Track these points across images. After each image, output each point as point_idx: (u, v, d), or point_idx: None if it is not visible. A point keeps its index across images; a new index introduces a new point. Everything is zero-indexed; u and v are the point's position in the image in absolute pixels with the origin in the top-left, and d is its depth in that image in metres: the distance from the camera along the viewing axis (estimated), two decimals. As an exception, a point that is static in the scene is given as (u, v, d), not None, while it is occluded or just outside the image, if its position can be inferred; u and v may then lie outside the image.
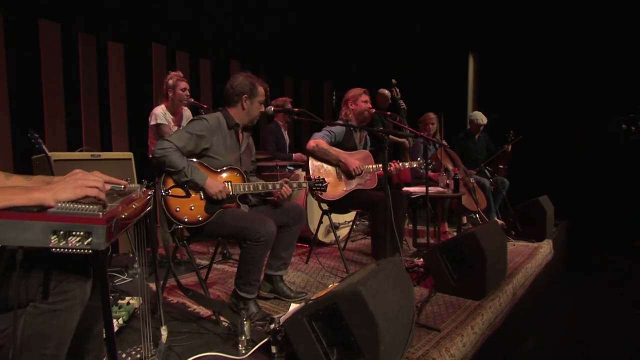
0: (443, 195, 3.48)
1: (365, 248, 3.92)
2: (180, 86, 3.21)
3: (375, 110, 3.20)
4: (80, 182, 1.04)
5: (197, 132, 2.13)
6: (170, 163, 2.03)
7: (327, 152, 2.94)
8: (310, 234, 3.71)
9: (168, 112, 3.25)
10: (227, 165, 2.23)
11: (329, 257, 3.55)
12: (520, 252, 3.67)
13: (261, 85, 2.31)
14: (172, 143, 2.05)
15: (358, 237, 4.40)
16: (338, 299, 1.52)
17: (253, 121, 2.33)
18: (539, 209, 4.01)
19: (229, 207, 2.21)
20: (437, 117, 4.23)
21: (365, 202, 2.98)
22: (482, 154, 4.83)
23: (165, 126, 3.17)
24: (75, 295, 1.05)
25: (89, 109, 4.08)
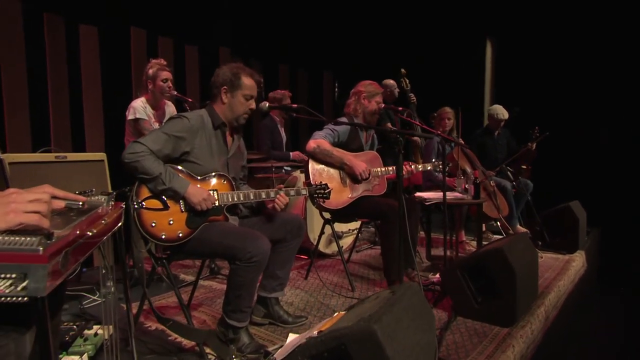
0: (462, 202, 3.37)
1: (372, 260, 3.87)
2: (161, 76, 3.09)
3: (385, 106, 3.15)
4: (14, 205, 0.87)
5: (175, 133, 2.02)
6: (144, 169, 1.92)
7: (330, 153, 2.88)
8: (310, 245, 3.63)
9: (149, 106, 3.14)
10: (212, 172, 2.13)
11: (331, 272, 3.49)
12: (549, 266, 3.56)
13: (249, 77, 2.20)
14: (145, 146, 1.94)
15: (363, 246, 4.36)
16: (347, 339, 1.35)
17: (238, 119, 2.22)
18: (570, 216, 3.90)
19: (215, 220, 2.11)
20: (453, 112, 4.15)
21: (373, 211, 2.91)
22: (502, 152, 4.74)
23: (144, 121, 3.06)
24: (9, 351, 0.88)
25: (58, 103, 3.90)
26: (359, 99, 3.08)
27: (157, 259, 2.10)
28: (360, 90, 3.09)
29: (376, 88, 3.10)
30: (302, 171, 3.96)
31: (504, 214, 3.90)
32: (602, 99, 5.41)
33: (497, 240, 2.78)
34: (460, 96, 5.44)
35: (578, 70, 5.54)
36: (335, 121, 2.57)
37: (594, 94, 5.46)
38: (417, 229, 3.23)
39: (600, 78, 5.41)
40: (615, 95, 5.35)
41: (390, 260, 2.86)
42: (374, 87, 3.10)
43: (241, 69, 2.19)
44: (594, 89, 5.45)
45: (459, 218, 3.82)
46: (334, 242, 3.89)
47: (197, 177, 2.09)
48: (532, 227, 4.13)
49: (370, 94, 3.07)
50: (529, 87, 5.76)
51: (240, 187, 2.38)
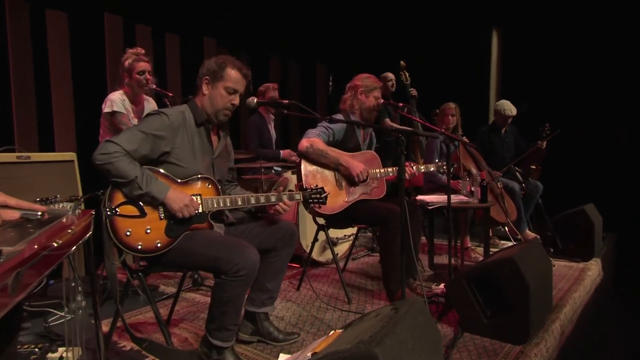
0: (467, 206, 3.35)
1: (370, 268, 3.85)
2: (137, 68, 3.04)
3: (385, 101, 3.14)
4: None
5: (153, 132, 1.97)
6: (118, 172, 1.86)
7: (324, 153, 2.85)
8: (302, 253, 3.61)
9: (127, 100, 3.09)
10: (196, 174, 2.08)
11: (325, 282, 3.47)
12: (563, 275, 3.53)
13: (235, 70, 2.15)
14: (119, 146, 1.89)
15: (360, 253, 4.34)
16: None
17: (217, 115, 2.16)
18: (585, 220, 3.88)
19: (198, 228, 2.05)
20: (457, 108, 4.12)
21: (372, 216, 2.89)
22: (509, 152, 4.72)
23: (122, 115, 3.00)
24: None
25: (22, 97, 3.80)
26: (356, 95, 3.07)
27: (133, 271, 2.04)
28: (357, 85, 3.07)
29: (374, 82, 3.08)
30: (294, 172, 3.95)
31: (512, 218, 3.86)
32: (620, 93, 5.37)
33: (507, 248, 2.76)
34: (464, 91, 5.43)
35: (593, 61, 5.49)
36: (331, 118, 2.52)
37: (611, 87, 5.41)
38: (419, 235, 3.21)
39: (617, 70, 5.36)
40: (635, 89, 5.31)
41: (390, 270, 2.85)
42: (372, 81, 3.08)
43: (229, 60, 2.15)
44: (611, 82, 5.40)
45: (463, 223, 3.79)
46: (328, 249, 3.87)
47: (178, 180, 2.04)
48: (543, 232, 4.11)
49: (368, 88, 3.05)
50: (538, 81, 5.73)
51: (229, 191, 2.33)
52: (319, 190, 2.36)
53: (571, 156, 5.44)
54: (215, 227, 2.12)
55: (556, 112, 5.18)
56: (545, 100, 5.48)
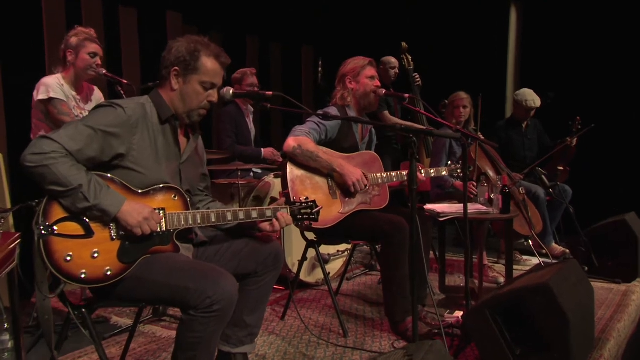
0: (487, 217, 3.31)
1: (368, 290, 3.85)
2: (88, 48, 2.95)
3: (387, 91, 3.11)
4: None
5: (104, 128, 1.87)
6: (56, 177, 1.74)
7: (315, 156, 2.82)
8: (288, 273, 3.57)
9: (67, 85, 3.00)
10: (158, 183, 2.00)
11: (315, 308, 3.46)
12: (602, 300, 3.47)
13: (213, 58, 2.07)
14: (58, 144, 1.77)
15: (356, 272, 4.34)
16: None
17: (190, 115, 2.10)
18: (626, 232, 3.81)
19: (160, 251, 1.96)
20: (470, 99, 4.12)
21: (372, 231, 2.87)
22: (532, 150, 4.74)
23: (62, 103, 2.90)
24: None
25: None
26: (345, 85, 3.09)
27: (74, 306, 1.93)
28: (344, 73, 3.10)
29: (359, 60, 3.09)
30: (277, 175, 3.93)
31: (538, 230, 3.86)
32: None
33: (537, 268, 2.69)
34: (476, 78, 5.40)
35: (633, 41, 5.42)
36: (325, 113, 2.43)
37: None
38: (429, 252, 3.18)
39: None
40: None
41: (394, 296, 2.82)
42: (357, 60, 3.09)
43: (203, 45, 2.06)
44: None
45: (481, 237, 3.75)
46: (318, 268, 3.86)
47: (137, 190, 1.95)
48: (574, 246, 4.07)
49: (355, 71, 3.06)
50: (565, 65, 5.70)
51: (200, 204, 2.29)
52: (309, 204, 2.31)
53: (606, 155, 5.40)
54: (181, 249, 2.04)
55: (588, 103, 5.17)
56: (575, 89, 5.46)
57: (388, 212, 2.95)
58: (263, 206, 3.91)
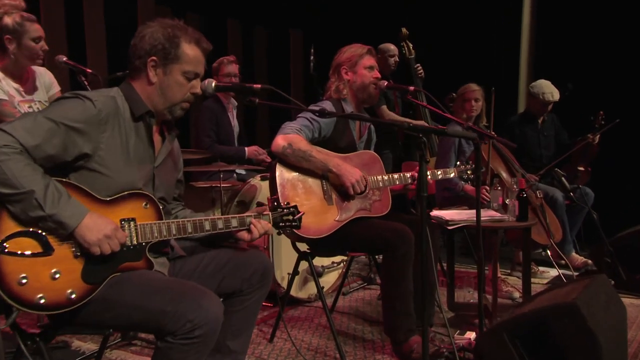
0: (502, 225, 3.28)
1: (367, 306, 3.86)
2: (31, 31, 2.87)
3: (388, 83, 3.11)
4: None
5: (69, 122, 1.81)
6: (5, 177, 1.66)
7: (308, 155, 2.82)
8: (277, 288, 3.56)
9: (9, 79, 2.94)
10: (128, 188, 1.95)
11: (308, 328, 3.46)
12: (632, 319, 3.45)
13: (194, 45, 2.04)
14: (12, 137, 1.70)
15: (353, 285, 4.36)
16: None
17: (172, 110, 2.07)
18: (657, 240, 3.86)
19: (131, 268, 1.92)
20: (482, 91, 4.13)
21: (373, 241, 2.87)
22: (548, 148, 4.78)
23: (4, 103, 2.85)
24: None
25: None
26: (340, 76, 3.10)
27: (26, 335, 1.87)
28: (339, 63, 3.10)
29: (357, 48, 3.10)
30: (264, 178, 3.93)
31: (557, 239, 3.87)
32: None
33: (561, 286, 2.65)
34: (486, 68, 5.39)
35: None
36: (321, 109, 2.39)
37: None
38: (436, 264, 3.25)
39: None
40: None
41: (396, 313, 2.82)
42: (354, 48, 3.11)
43: (181, 30, 2.03)
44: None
45: (494, 247, 3.71)
46: (311, 281, 3.85)
47: (102, 197, 1.89)
48: (598, 256, 4.09)
49: (351, 60, 3.07)
50: (585, 53, 5.71)
51: (176, 213, 2.27)
52: (290, 210, 2.33)
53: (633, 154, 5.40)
54: (155, 264, 1.99)
55: (612, 95, 5.18)
56: (597, 79, 5.47)
57: (390, 219, 2.94)
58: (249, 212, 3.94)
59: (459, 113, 4.15)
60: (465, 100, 4.14)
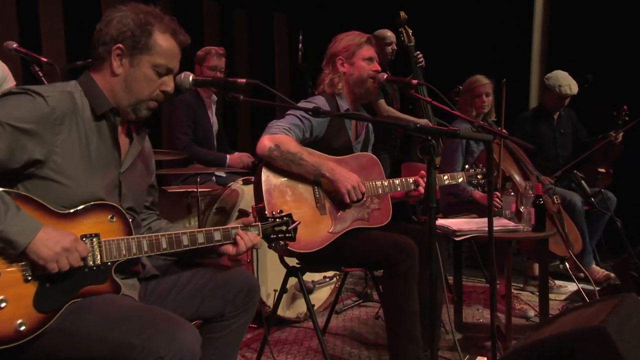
0: (517, 236, 3.28)
1: (363, 327, 3.88)
2: None
3: (388, 76, 3.12)
4: None
5: (16, 123, 1.78)
6: None
7: (298, 159, 2.81)
8: (262, 307, 3.57)
9: None
10: (90, 199, 1.92)
11: (297, 352, 3.46)
12: None
13: (169, 35, 2.02)
14: None
15: (347, 302, 4.37)
16: None
17: (137, 108, 2.04)
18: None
19: (94, 292, 1.87)
20: (492, 85, 4.14)
21: (371, 256, 2.86)
22: (565, 148, 4.81)
23: None
24: None
25: None
26: (335, 68, 3.09)
27: None
28: (334, 53, 3.09)
29: (354, 36, 3.11)
30: (246, 181, 3.95)
31: (576, 250, 3.86)
32: None
33: (585, 306, 2.62)
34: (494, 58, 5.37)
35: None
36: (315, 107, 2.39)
37: None
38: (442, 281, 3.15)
39: None
40: None
41: (401, 339, 2.79)
42: (352, 36, 3.11)
43: (156, 18, 2.01)
44: None
45: (507, 260, 3.68)
46: (300, 299, 3.86)
47: (59, 210, 1.85)
48: (622, 269, 4.03)
49: (348, 50, 3.07)
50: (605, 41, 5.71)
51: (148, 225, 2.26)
52: (284, 219, 2.32)
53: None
54: (123, 287, 1.95)
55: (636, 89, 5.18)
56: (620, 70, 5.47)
57: (390, 230, 2.95)
58: (229, 220, 3.90)
59: (467, 109, 4.16)
60: (475, 95, 4.15)
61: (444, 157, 4.23)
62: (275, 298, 3.22)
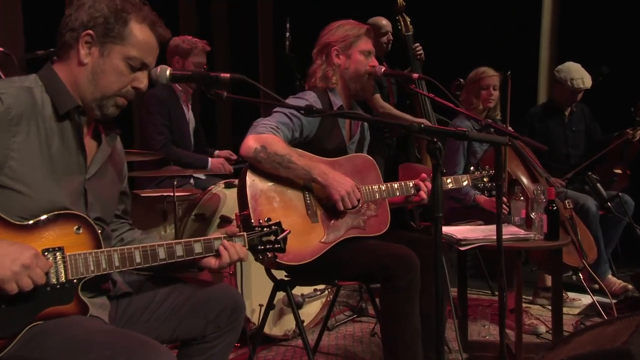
0: (527, 246, 3.28)
1: (357, 344, 3.89)
2: None
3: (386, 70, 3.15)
4: None
5: None
6: None
7: (286, 161, 2.82)
8: (247, 324, 3.61)
9: None
10: (52, 209, 1.89)
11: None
12: None
13: (145, 26, 2.00)
14: None
15: (340, 317, 4.38)
16: None
17: (103, 105, 2.01)
18: None
19: (57, 314, 1.84)
20: (500, 78, 4.15)
21: (369, 268, 2.84)
22: (577, 146, 4.83)
23: None
24: None
25: None
26: (330, 60, 3.10)
27: None
28: (328, 43, 3.09)
29: (352, 27, 3.12)
30: (228, 185, 3.97)
31: (591, 259, 3.84)
32: None
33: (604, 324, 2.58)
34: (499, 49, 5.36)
35: None
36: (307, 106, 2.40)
37: None
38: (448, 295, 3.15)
39: None
40: None
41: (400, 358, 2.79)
42: (350, 26, 3.12)
43: (134, 6, 2.00)
44: None
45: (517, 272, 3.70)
46: (288, 314, 3.87)
47: (17, 221, 1.83)
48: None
49: (346, 42, 3.08)
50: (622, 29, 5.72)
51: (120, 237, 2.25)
52: (272, 228, 2.30)
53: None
54: (91, 307, 1.92)
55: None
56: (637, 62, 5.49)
57: (388, 239, 2.94)
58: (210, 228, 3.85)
59: (472, 101, 4.19)
60: (483, 87, 4.16)
61: (445, 158, 4.22)
62: (262, 314, 3.20)
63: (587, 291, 4.01)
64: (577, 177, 4.38)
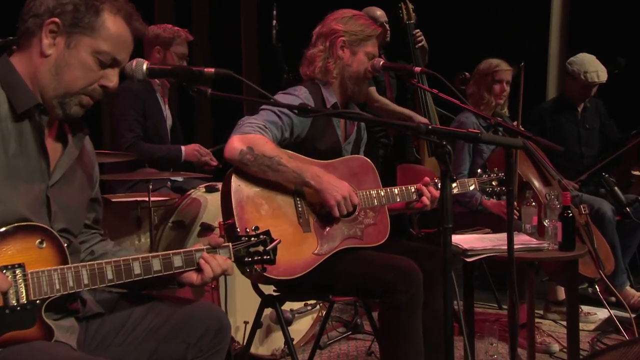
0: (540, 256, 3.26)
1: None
2: None
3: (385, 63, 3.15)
4: None
5: None
6: None
7: (276, 163, 2.82)
8: (231, 344, 3.52)
9: None
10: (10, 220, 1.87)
11: None
12: None
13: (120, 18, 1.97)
14: None
15: (333, 335, 4.38)
16: None
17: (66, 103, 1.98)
18: None
19: (17, 340, 1.81)
20: (512, 71, 4.17)
21: (366, 282, 2.84)
22: (591, 145, 4.87)
23: None
24: None
25: None
26: (333, 49, 3.09)
27: None
28: (337, 30, 3.07)
29: (368, 25, 3.12)
30: (210, 189, 3.94)
31: (608, 270, 3.86)
32: None
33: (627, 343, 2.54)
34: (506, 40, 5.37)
35: None
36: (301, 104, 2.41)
37: None
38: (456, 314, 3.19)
39: None
40: None
41: None
42: (364, 24, 3.13)
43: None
44: None
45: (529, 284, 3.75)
46: (276, 331, 3.88)
47: None
48: None
49: (356, 38, 3.08)
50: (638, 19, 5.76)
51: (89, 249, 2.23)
52: (260, 237, 2.31)
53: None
54: (57, 331, 1.89)
55: None
56: None
57: (388, 249, 2.94)
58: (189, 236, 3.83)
59: (482, 95, 4.22)
60: (496, 81, 4.21)
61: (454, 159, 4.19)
62: (247, 333, 3.22)
63: (603, 304, 3.99)
64: (592, 179, 4.42)
